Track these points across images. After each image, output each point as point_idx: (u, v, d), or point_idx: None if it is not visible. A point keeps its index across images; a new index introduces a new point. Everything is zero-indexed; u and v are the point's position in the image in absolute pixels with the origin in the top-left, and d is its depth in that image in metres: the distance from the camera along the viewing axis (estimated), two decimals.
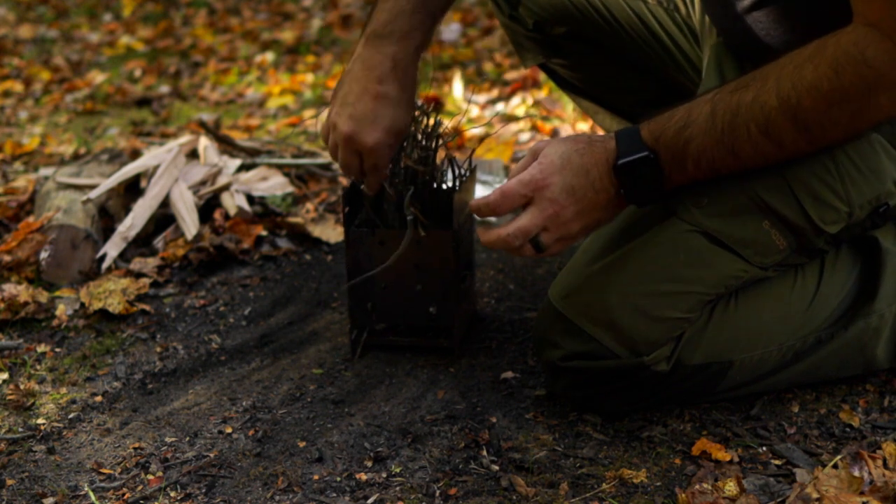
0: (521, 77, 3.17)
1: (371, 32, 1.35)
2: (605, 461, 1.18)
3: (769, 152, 1.11)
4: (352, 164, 1.36)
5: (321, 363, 1.46)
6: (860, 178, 1.18)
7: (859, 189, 1.18)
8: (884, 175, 1.19)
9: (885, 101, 1.05)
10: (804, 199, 1.16)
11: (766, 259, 1.19)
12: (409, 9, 1.34)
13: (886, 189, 1.20)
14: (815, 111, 1.06)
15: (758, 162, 1.12)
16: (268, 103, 3.30)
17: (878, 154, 1.19)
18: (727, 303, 1.22)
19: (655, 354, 1.18)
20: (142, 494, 1.15)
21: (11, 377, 1.46)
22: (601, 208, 1.16)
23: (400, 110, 1.34)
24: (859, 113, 1.07)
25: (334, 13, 4.78)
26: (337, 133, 1.34)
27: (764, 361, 1.23)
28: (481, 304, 1.63)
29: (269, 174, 2.17)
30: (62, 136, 3.03)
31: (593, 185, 1.14)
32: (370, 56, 1.34)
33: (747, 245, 1.17)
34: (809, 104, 1.06)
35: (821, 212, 1.17)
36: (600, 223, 1.19)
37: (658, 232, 1.18)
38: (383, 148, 1.34)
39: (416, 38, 1.35)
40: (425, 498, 1.12)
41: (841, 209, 1.18)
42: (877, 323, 1.25)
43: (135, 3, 5.32)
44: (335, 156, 1.37)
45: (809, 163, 1.16)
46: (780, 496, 1.09)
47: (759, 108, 1.08)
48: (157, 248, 1.87)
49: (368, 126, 1.32)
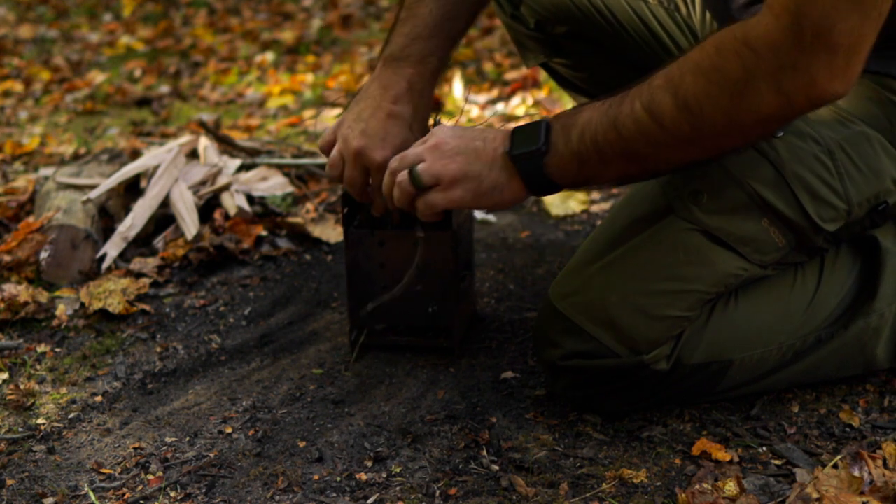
0: (521, 77, 3.17)
1: (388, 55, 1.36)
2: (605, 461, 1.18)
3: (650, 131, 1.06)
4: (357, 180, 1.35)
5: (321, 363, 1.46)
6: (859, 175, 1.18)
7: (858, 187, 1.18)
8: (882, 173, 1.20)
9: (765, 90, 0.99)
10: (802, 197, 1.16)
11: (766, 257, 1.19)
12: (426, 34, 1.35)
13: (885, 187, 1.20)
14: (694, 87, 1.03)
15: (639, 142, 1.08)
16: (268, 103, 3.30)
17: (877, 152, 1.19)
18: (727, 302, 1.22)
19: (655, 353, 1.18)
20: (142, 494, 1.15)
21: (11, 377, 1.46)
22: (485, 162, 1.16)
23: (411, 132, 1.34)
24: (740, 97, 1.01)
25: (334, 13, 4.78)
26: (347, 147, 1.33)
27: (764, 361, 1.23)
28: (481, 304, 1.63)
29: (269, 174, 2.17)
30: (62, 136, 3.03)
31: (483, 136, 1.17)
32: (387, 77, 1.35)
33: (746, 243, 1.18)
34: (690, 80, 1.03)
35: (819, 209, 1.17)
36: (482, 183, 1.16)
37: (657, 231, 1.19)
38: None
39: (432, 62, 1.36)
40: (425, 498, 1.12)
41: (839, 207, 1.18)
42: (877, 322, 1.25)
43: (135, 3, 5.33)
44: (337, 171, 1.36)
45: (807, 160, 1.17)
46: (780, 496, 1.09)
47: (647, 84, 1.07)
48: (157, 248, 1.87)
49: (378, 143, 1.32)
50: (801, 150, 1.18)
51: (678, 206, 1.18)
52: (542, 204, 2.12)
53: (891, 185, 1.21)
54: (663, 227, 1.18)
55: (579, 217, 2.04)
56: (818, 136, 1.19)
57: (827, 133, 1.19)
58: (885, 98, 1.21)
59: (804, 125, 1.20)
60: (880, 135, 1.20)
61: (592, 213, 2.06)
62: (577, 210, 2.06)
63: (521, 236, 1.95)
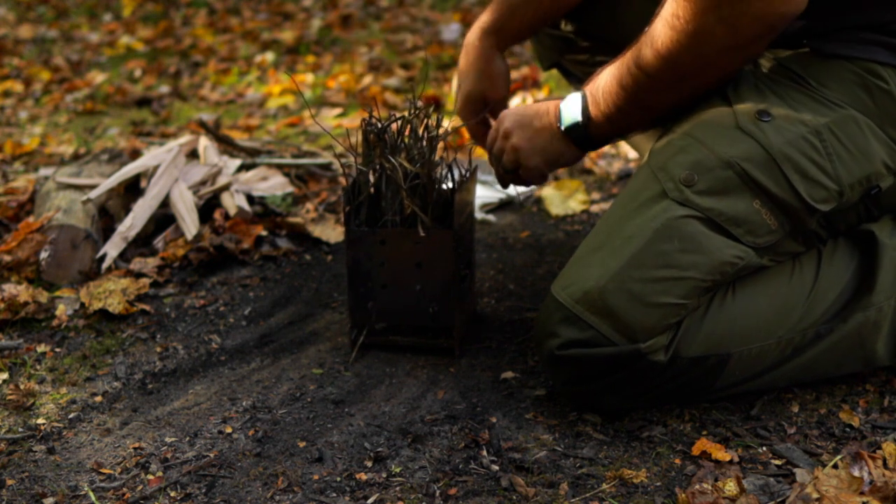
0: (521, 77, 3.17)
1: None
2: (605, 461, 1.18)
3: (643, 82, 1.23)
4: None
5: (321, 363, 1.46)
6: (848, 156, 1.21)
7: (848, 168, 1.21)
8: (872, 156, 1.21)
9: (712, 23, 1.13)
10: (792, 177, 1.18)
11: (759, 239, 1.20)
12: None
13: (876, 170, 1.22)
14: (663, 36, 1.18)
15: (639, 93, 1.25)
16: (268, 103, 3.30)
17: (866, 135, 1.21)
18: (724, 295, 1.23)
19: (652, 343, 1.19)
20: (142, 494, 1.15)
21: (11, 377, 1.46)
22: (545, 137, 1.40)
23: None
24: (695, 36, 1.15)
25: (334, 13, 4.79)
26: None
27: (763, 355, 1.23)
28: (481, 304, 1.63)
29: (269, 174, 2.17)
30: (62, 136, 3.03)
31: (537, 114, 1.41)
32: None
33: (739, 223, 1.19)
34: (660, 30, 1.19)
35: (810, 189, 1.19)
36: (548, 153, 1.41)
37: (652, 218, 1.20)
38: None
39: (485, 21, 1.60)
40: (425, 498, 1.12)
41: (830, 187, 1.20)
42: (876, 316, 1.25)
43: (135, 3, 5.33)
44: None
45: (796, 142, 1.19)
46: (780, 496, 1.09)
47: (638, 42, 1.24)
48: (157, 248, 1.87)
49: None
50: (788, 131, 1.20)
51: (671, 190, 1.20)
52: (542, 204, 2.12)
53: (882, 169, 1.22)
54: (658, 213, 1.20)
55: (579, 217, 2.04)
56: (806, 118, 1.21)
57: (814, 116, 1.21)
58: (872, 83, 1.22)
59: (792, 109, 1.21)
60: (868, 119, 1.21)
61: (592, 213, 2.06)
62: (577, 210, 2.06)
63: (521, 236, 1.95)
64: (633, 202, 1.23)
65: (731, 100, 1.24)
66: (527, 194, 2.17)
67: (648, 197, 1.22)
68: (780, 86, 1.25)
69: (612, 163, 2.39)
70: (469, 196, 1.50)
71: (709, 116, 1.24)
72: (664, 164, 1.22)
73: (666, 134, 1.28)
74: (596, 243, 1.23)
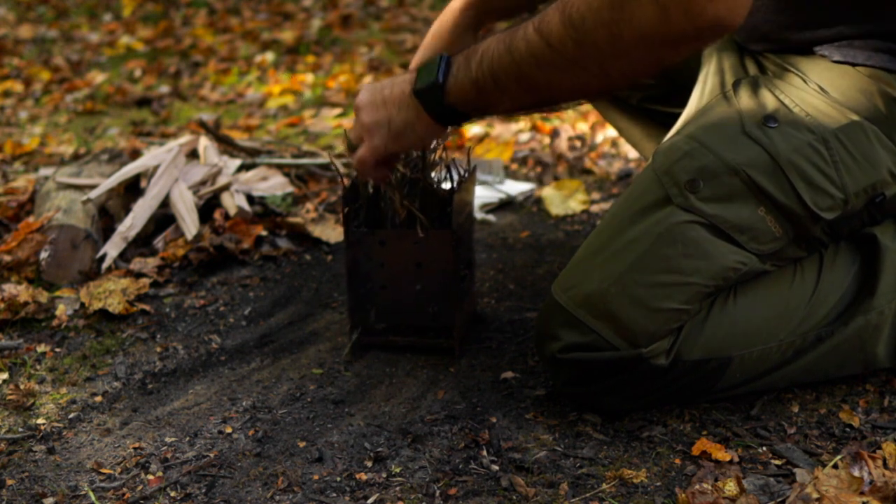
0: None
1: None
2: (605, 461, 1.18)
3: (538, 51, 1.08)
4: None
5: (321, 363, 1.46)
6: (854, 165, 1.20)
7: (853, 176, 1.20)
8: (878, 164, 1.21)
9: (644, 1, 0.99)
10: (798, 184, 1.18)
11: (763, 246, 1.20)
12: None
13: (882, 178, 1.21)
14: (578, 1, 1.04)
15: (529, 64, 1.09)
16: (268, 103, 3.30)
17: (872, 143, 1.21)
18: (726, 298, 1.22)
19: (654, 347, 1.18)
20: (142, 494, 1.15)
21: (11, 377, 1.46)
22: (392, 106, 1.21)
23: None
24: (619, 9, 1.01)
25: (334, 13, 4.79)
26: None
27: (764, 358, 1.23)
28: (481, 304, 1.63)
29: (269, 174, 2.17)
30: (62, 136, 3.03)
31: (392, 82, 1.23)
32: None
33: (743, 231, 1.19)
34: None
35: (815, 197, 1.19)
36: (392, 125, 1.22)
37: (656, 223, 1.19)
38: None
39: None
40: (425, 498, 1.12)
41: (836, 196, 1.19)
42: (876, 320, 1.25)
43: (135, 3, 5.33)
44: None
45: (802, 149, 1.18)
46: (780, 496, 1.09)
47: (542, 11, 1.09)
48: (157, 248, 1.87)
49: None
50: (795, 138, 1.19)
51: (675, 195, 1.19)
52: (542, 204, 2.12)
53: (888, 177, 1.22)
54: (662, 218, 1.19)
55: (579, 217, 2.04)
56: (812, 125, 1.20)
57: (821, 123, 1.20)
58: (882, 91, 1.21)
59: (799, 116, 1.21)
60: (876, 127, 1.21)
61: (592, 213, 2.06)
62: (578, 210, 2.07)
63: (521, 236, 1.95)
64: (636, 205, 1.22)
65: (736, 101, 1.24)
66: (527, 194, 2.17)
67: (652, 201, 1.21)
68: (788, 90, 1.24)
69: (612, 163, 2.40)
70: (468, 196, 1.50)
71: (714, 119, 1.23)
72: (669, 169, 1.21)
73: (670, 136, 1.27)
74: (598, 246, 1.23)
